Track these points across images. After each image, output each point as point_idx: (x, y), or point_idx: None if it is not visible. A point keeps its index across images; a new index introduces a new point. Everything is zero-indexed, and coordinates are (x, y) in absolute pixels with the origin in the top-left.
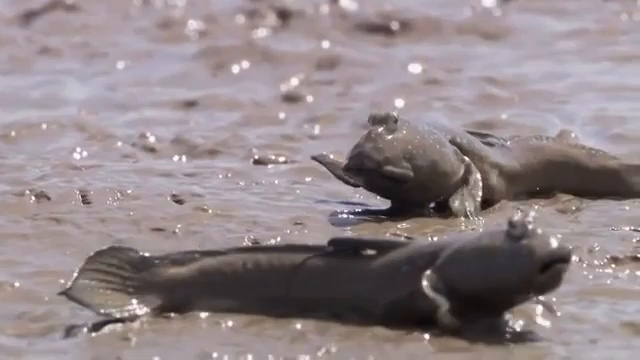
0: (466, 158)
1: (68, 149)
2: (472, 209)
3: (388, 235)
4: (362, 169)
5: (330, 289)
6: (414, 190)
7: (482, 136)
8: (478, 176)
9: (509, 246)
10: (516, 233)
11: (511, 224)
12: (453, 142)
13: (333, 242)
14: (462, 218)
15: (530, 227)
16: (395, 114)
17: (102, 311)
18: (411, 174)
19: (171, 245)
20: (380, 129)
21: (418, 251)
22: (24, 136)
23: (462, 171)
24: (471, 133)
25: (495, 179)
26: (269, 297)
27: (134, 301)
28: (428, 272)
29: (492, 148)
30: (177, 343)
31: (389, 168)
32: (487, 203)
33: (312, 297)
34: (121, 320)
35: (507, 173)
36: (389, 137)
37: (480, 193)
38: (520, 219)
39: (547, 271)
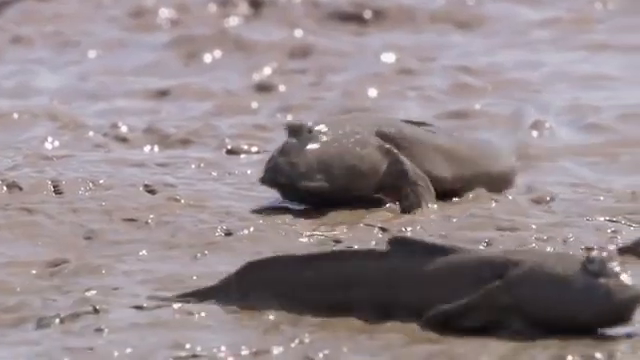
0: (392, 149)
1: (40, 139)
2: (426, 201)
3: (362, 225)
4: (276, 183)
5: (389, 293)
6: (333, 196)
7: (418, 124)
8: (409, 165)
9: (585, 280)
10: (593, 269)
11: (589, 259)
12: (380, 134)
13: (394, 241)
14: (421, 209)
15: (609, 266)
16: (310, 124)
17: None
18: (325, 185)
19: (143, 235)
20: (294, 141)
21: (485, 261)
22: None
23: (385, 165)
24: (408, 122)
25: (439, 162)
26: (330, 302)
27: None
28: (496, 284)
29: (433, 134)
30: (150, 334)
31: (303, 183)
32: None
33: (372, 301)
34: (95, 311)
35: (453, 155)
36: (302, 149)
37: (426, 181)
38: (599, 256)
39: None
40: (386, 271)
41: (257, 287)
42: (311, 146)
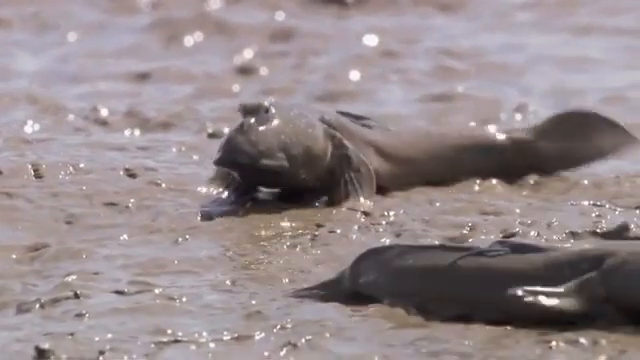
0: (337, 134)
1: (20, 122)
2: (364, 191)
3: (345, 209)
4: (236, 164)
5: (489, 291)
6: (288, 179)
7: (357, 118)
8: (352, 150)
9: None
10: None
11: None
12: (322, 120)
13: (499, 243)
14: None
15: None
16: (266, 103)
17: None
18: (286, 165)
19: (124, 220)
20: (252, 120)
21: (581, 255)
22: None
23: (331, 149)
24: (345, 115)
25: (371, 157)
26: (431, 297)
27: None
28: (592, 275)
29: (369, 129)
30: (131, 319)
31: (264, 162)
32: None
33: (470, 298)
34: (75, 296)
35: (387, 152)
36: (261, 128)
37: (368, 168)
38: None
39: None
40: (485, 271)
41: (370, 277)
42: (270, 125)
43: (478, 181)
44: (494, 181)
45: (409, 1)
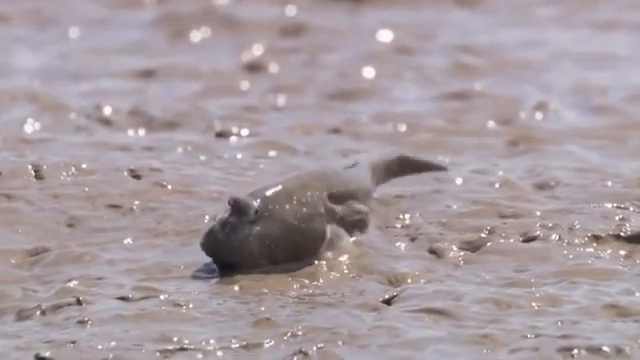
0: (331, 227)
1: (20, 121)
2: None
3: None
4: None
5: None
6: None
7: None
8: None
9: None
10: None
11: None
12: (331, 196)
13: None
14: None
15: None
16: (256, 204)
17: None
18: (267, 264)
19: (128, 223)
20: (236, 220)
21: None
22: None
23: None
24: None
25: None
26: None
27: None
28: None
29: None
30: (136, 326)
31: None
32: None
33: None
34: (77, 302)
35: None
36: (244, 233)
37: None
38: None
39: None
40: None
41: None
42: (253, 230)
43: (496, 182)
44: (513, 182)
45: None
